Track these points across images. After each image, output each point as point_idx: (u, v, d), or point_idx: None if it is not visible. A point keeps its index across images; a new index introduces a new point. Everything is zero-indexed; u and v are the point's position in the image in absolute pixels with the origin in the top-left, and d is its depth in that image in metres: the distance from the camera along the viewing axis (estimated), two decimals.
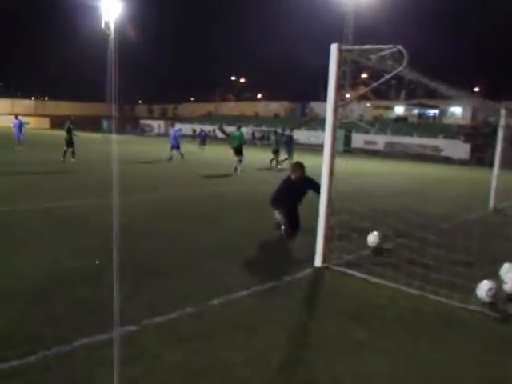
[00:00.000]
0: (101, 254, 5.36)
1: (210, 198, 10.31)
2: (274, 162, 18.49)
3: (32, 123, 77.27)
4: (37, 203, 8.50)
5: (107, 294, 3.82)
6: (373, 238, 6.25)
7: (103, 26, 41.10)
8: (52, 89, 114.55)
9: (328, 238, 5.50)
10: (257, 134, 24.03)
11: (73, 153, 16.95)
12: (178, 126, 20.94)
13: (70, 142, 16.99)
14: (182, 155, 19.69)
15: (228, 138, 20.02)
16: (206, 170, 16.20)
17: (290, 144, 18.36)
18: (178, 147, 19.60)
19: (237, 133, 17.12)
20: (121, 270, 4.82)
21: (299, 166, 7.10)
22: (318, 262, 5.51)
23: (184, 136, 26.93)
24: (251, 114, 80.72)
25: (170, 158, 19.38)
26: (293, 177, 7.06)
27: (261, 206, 9.66)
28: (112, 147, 25.16)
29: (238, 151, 16.60)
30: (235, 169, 16.15)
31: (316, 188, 5.95)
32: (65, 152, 16.81)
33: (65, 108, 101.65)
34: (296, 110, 79.85)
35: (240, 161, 16.45)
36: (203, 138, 31.62)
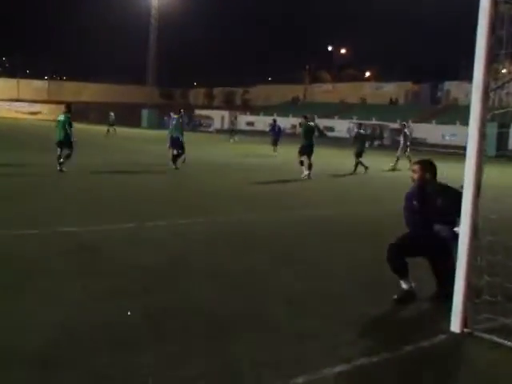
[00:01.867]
0: (134, 300, 5.54)
1: (299, 223, 10.61)
2: (363, 169, 20.97)
3: (45, 111, 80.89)
4: (47, 225, 8.96)
5: (139, 362, 3.86)
6: None
7: None
8: (72, 66, 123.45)
9: (472, 291, 5.30)
10: (363, 131, 24.01)
11: (67, 157, 16.44)
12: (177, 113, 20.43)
13: (64, 142, 16.45)
14: (174, 160, 19.25)
15: (320, 134, 20.70)
16: (281, 183, 17.30)
17: (405, 140, 19.30)
18: (180, 147, 19.33)
19: (310, 124, 18.62)
20: (161, 326, 4.98)
21: (426, 165, 6.35)
22: (455, 325, 5.31)
23: (259, 133, 27.30)
24: (355, 101, 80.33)
25: (176, 161, 19.17)
26: (416, 184, 6.26)
27: (367, 237, 9.47)
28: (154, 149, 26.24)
29: (307, 151, 18.15)
30: (308, 175, 18.39)
31: (456, 204, 5.36)
32: (59, 157, 16.38)
33: (90, 92, 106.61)
34: (422, 93, 77.80)
35: (309, 166, 18.30)
36: (276, 135, 31.84)
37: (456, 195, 5.63)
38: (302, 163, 18.90)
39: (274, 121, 34.14)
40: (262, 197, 14.12)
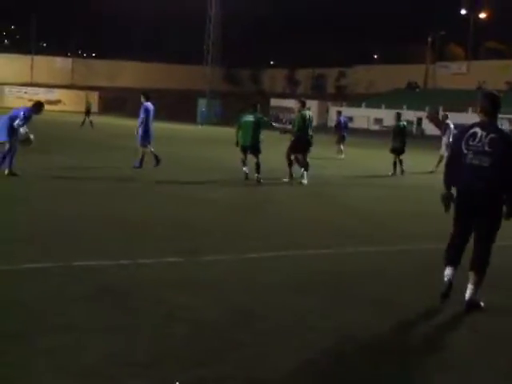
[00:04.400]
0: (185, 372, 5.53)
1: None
2: (399, 169, 24.60)
3: (67, 100, 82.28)
4: (58, 256, 9.16)
5: None
6: None
7: None
8: (104, 40, 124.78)
9: None
10: (403, 123, 26.82)
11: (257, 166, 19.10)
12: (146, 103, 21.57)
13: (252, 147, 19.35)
14: (156, 159, 21.51)
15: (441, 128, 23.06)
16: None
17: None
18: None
19: (305, 112, 20.27)
20: None
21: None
22: None
23: (360, 132, 27.76)
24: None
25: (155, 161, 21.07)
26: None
27: None
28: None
29: (303, 147, 19.97)
30: (288, 178, 20.23)
31: None
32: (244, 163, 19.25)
33: (127, 74, 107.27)
34: None
35: (305, 166, 19.86)
36: (341, 131, 34.42)
37: None
38: (291, 163, 20.27)
39: (339, 113, 37.33)
40: (365, 218, 14.41)
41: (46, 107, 21.30)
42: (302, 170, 19.97)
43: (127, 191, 16.57)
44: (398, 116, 26.61)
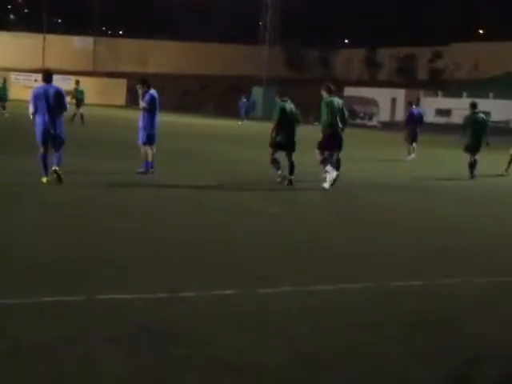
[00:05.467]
0: None
1: None
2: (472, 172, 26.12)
3: (86, 91, 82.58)
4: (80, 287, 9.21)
5: None
6: None
7: None
8: (132, 15, 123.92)
9: None
10: (482, 115, 28.11)
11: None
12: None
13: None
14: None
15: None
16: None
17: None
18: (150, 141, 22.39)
19: (285, 104, 21.34)
20: None
21: None
22: None
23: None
24: None
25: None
26: None
27: None
28: None
29: (289, 146, 21.16)
30: (287, 179, 21.17)
31: None
32: None
33: (161, 57, 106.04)
34: None
35: (290, 168, 21.10)
36: (413, 127, 34.91)
37: None
38: (274, 162, 21.36)
39: (410, 103, 37.81)
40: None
41: None
42: (330, 171, 20.44)
43: (168, 204, 16.87)
44: (474, 106, 26.71)
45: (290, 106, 21.61)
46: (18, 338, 7.33)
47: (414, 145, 33.97)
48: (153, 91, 22.61)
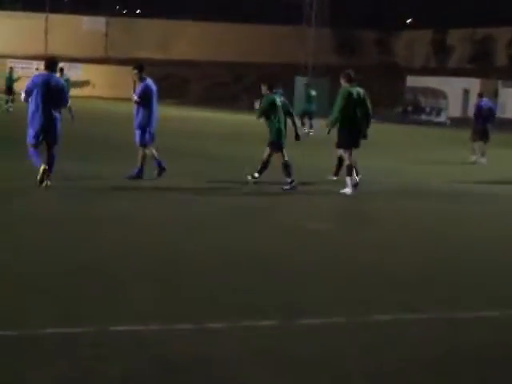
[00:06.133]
0: None
1: None
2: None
3: (100, 81, 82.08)
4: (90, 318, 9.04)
5: None
6: None
7: None
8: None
9: None
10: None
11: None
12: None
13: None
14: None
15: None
16: None
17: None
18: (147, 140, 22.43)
19: (272, 96, 22.22)
20: None
21: None
22: None
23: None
24: None
25: None
26: None
27: None
28: None
29: (276, 144, 22.07)
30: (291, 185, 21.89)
31: None
32: None
33: (186, 39, 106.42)
34: None
35: (285, 168, 21.88)
36: (482, 123, 34.81)
37: None
38: (267, 161, 22.17)
39: (480, 95, 36.89)
40: None
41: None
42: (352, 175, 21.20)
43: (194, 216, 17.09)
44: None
45: (280, 98, 22.37)
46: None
47: (484, 145, 33.61)
48: (149, 81, 22.60)
